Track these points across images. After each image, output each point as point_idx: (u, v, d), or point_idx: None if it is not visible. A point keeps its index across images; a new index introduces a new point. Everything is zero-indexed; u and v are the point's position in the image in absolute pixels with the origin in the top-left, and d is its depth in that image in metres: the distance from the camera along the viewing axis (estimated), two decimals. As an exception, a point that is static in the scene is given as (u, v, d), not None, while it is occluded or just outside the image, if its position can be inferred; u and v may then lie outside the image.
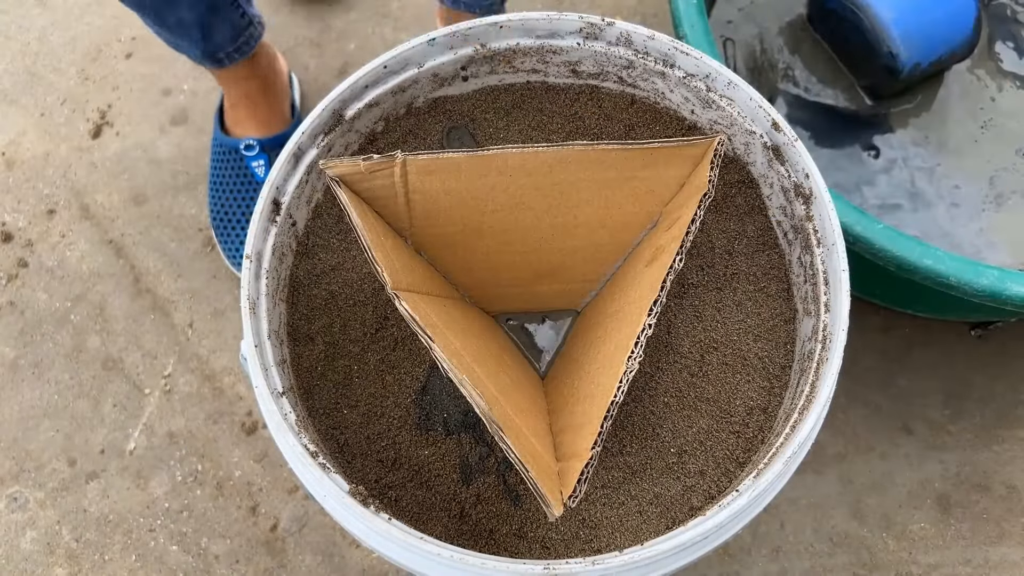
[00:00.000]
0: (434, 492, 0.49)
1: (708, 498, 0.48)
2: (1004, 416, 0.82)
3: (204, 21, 0.74)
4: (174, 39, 0.76)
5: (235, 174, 0.86)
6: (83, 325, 0.86)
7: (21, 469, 0.80)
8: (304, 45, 1.00)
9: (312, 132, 0.52)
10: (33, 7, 1.03)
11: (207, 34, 0.75)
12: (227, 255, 0.86)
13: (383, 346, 0.52)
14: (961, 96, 0.82)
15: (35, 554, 0.77)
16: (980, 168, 0.79)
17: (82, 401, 0.83)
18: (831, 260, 0.49)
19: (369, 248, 0.44)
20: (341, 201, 0.46)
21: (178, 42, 0.76)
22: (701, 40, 0.69)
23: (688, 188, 0.51)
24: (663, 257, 0.47)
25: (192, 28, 0.74)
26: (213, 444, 0.81)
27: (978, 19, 0.76)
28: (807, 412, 0.45)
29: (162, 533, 0.77)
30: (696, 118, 0.56)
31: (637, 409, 0.51)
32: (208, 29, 0.75)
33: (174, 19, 0.72)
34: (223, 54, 0.79)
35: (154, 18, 0.72)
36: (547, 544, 0.47)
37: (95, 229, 0.90)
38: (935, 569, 0.77)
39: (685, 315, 0.53)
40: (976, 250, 0.75)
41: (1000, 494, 0.79)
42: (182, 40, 0.76)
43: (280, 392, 0.47)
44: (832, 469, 0.80)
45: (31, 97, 0.97)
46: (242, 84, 0.84)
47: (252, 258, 0.48)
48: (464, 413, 0.51)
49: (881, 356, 0.84)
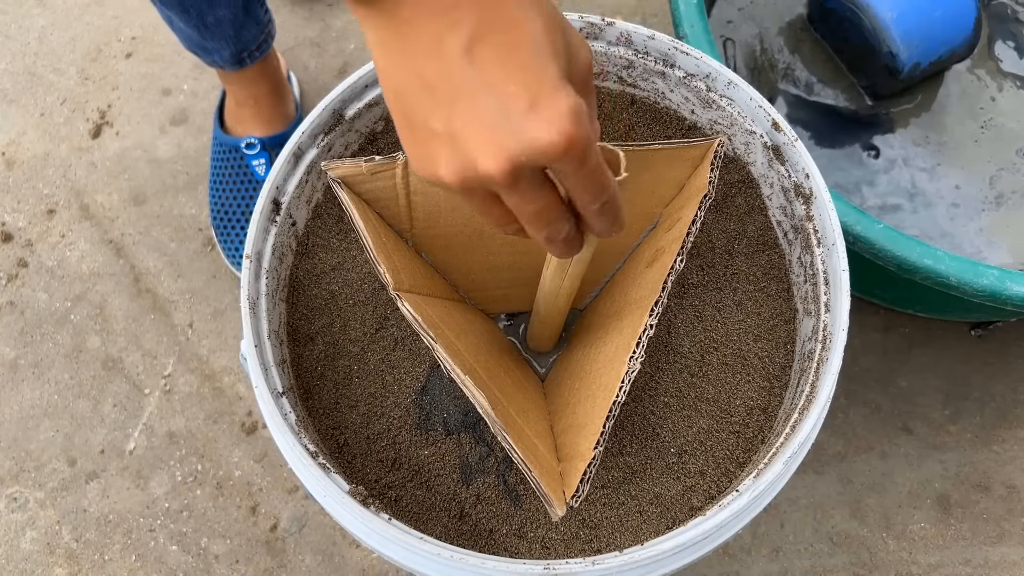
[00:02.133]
0: (434, 492, 0.49)
1: (708, 498, 0.48)
2: (1004, 416, 0.82)
3: (238, 19, 0.75)
4: (207, 41, 0.76)
5: (236, 173, 0.86)
6: (83, 325, 0.86)
7: (21, 469, 0.80)
8: (304, 45, 1.00)
9: (312, 132, 0.52)
10: (33, 7, 1.03)
11: (238, 33, 0.76)
12: (227, 255, 0.86)
13: (383, 346, 0.52)
14: (961, 96, 0.82)
15: (35, 554, 0.77)
16: (980, 168, 0.79)
17: (82, 401, 0.83)
18: (831, 260, 0.49)
19: (371, 249, 0.44)
20: (343, 203, 0.46)
21: (210, 44, 0.77)
22: (701, 40, 0.69)
23: (688, 189, 0.51)
24: (664, 258, 0.47)
25: (227, 26, 0.75)
26: (213, 444, 0.81)
27: (978, 19, 0.76)
28: (807, 412, 0.45)
29: (162, 533, 0.77)
30: (696, 118, 0.56)
31: (637, 409, 0.51)
32: (240, 28, 0.76)
33: (213, 17, 0.73)
34: (246, 54, 0.80)
35: (196, 18, 0.73)
36: (547, 544, 0.47)
37: (95, 229, 0.90)
38: (935, 569, 0.77)
39: (685, 315, 0.53)
40: (976, 249, 0.75)
41: (1000, 494, 0.79)
42: (215, 41, 0.76)
43: (280, 392, 0.47)
44: (832, 469, 0.80)
45: (31, 97, 0.97)
46: (252, 85, 0.84)
47: (252, 258, 0.48)
48: (464, 413, 0.51)
49: (881, 356, 0.84)
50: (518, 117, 0.29)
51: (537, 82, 0.30)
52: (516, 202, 0.33)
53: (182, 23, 0.74)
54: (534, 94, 0.30)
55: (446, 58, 0.30)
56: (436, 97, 0.30)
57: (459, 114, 0.30)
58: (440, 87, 0.30)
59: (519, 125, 0.30)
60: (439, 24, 0.29)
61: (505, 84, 0.30)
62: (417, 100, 0.31)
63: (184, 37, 0.77)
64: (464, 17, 0.29)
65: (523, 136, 0.30)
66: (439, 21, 0.29)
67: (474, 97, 0.30)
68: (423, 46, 0.30)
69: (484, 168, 0.30)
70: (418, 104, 0.31)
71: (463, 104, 0.30)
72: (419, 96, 0.31)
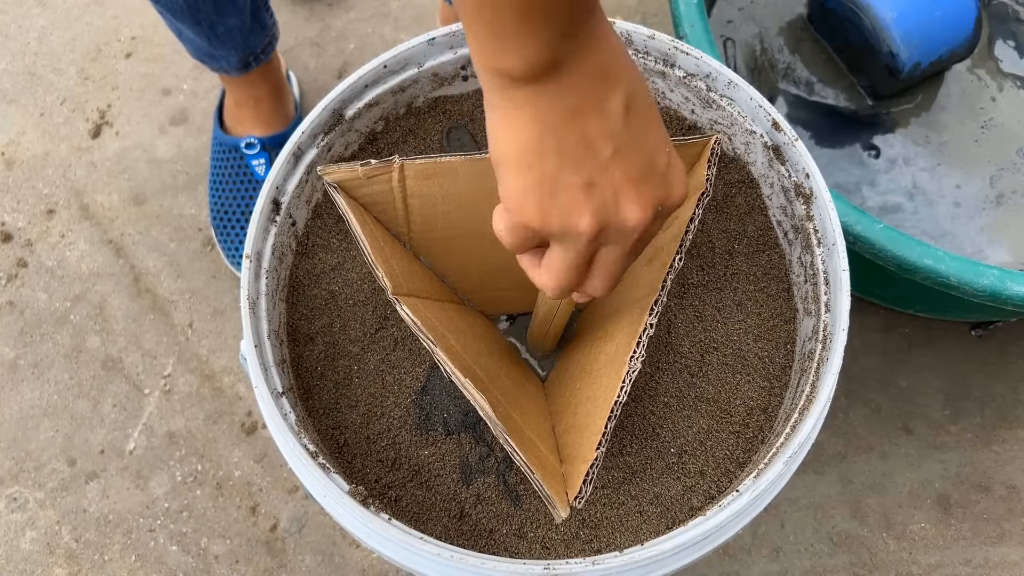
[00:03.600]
0: (434, 492, 0.49)
1: (708, 498, 0.48)
2: (1004, 416, 0.82)
3: (247, 26, 0.76)
4: (216, 50, 0.76)
5: (235, 172, 0.86)
6: (83, 325, 0.86)
7: (21, 469, 0.80)
8: (304, 45, 1.00)
9: (312, 132, 0.52)
10: (33, 7, 1.03)
11: (246, 40, 0.77)
12: (227, 255, 0.86)
13: (383, 346, 0.52)
14: (961, 96, 0.82)
15: (35, 554, 0.77)
16: (980, 168, 0.79)
17: (82, 401, 0.83)
18: (831, 260, 0.49)
19: (368, 254, 0.44)
20: (340, 207, 0.46)
21: (219, 52, 0.77)
22: (701, 40, 0.69)
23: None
24: (662, 257, 0.47)
25: (236, 34, 0.75)
26: (213, 444, 0.81)
27: (978, 19, 0.76)
28: (807, 412, 0.45)
29: (162, 533, 0.77)
30: (696, 118, 0.56)
31: (637, 409, 0.51)
32: (248, 35, 0.77)
33: (223, 27, 0.74)
34: (252, 58, 0.80)
35: (208, 29, 0.73)
36: (547, 544, 0.47)
37: (95, 229, 0.90)
38: (935, 569, 0.77)
39: (685, 315, 0.53)
40: (977, 248, 0.75)
41: (1000, 494, 0.79)
42: (224, 49, 0.77)
43: (280, 392, 0.47)
44: (832, 469, 0.80)
45: (31, 97, 0.97)
46: (253, 86, 0.84)
47: (252, 258, 0.48)
48: (464, 413, 0.51)
49: (881, 356, 0.84)
50: (663, 171, 0.34)
51: (666, 142, 0.34)
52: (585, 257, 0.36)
53: (192, 34, 0.74)
54: (668, 152, 0.34)
55: (611, 120, 0.32)
56: (596, 155, 0.32)
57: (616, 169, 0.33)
58: (602, 146, 0.32)
59: (663, 179, 0.34)
60: (602, 88, 0.32)
61: (653, 144, 0.34)
62: (571, 159, 0.32)
63: (193, 47, 0.77)
64: (620, 80, 0.32)
65: (666, 188, 0.34)
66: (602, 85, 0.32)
67: (630, 154, 0.33)
68: (593, 107, 0.32)
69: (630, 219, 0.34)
70: (571, 162, 0.32)
71: (619, 160, 0.33)
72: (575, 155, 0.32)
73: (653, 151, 0.34)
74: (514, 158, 0.33)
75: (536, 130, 0.32)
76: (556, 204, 0.33)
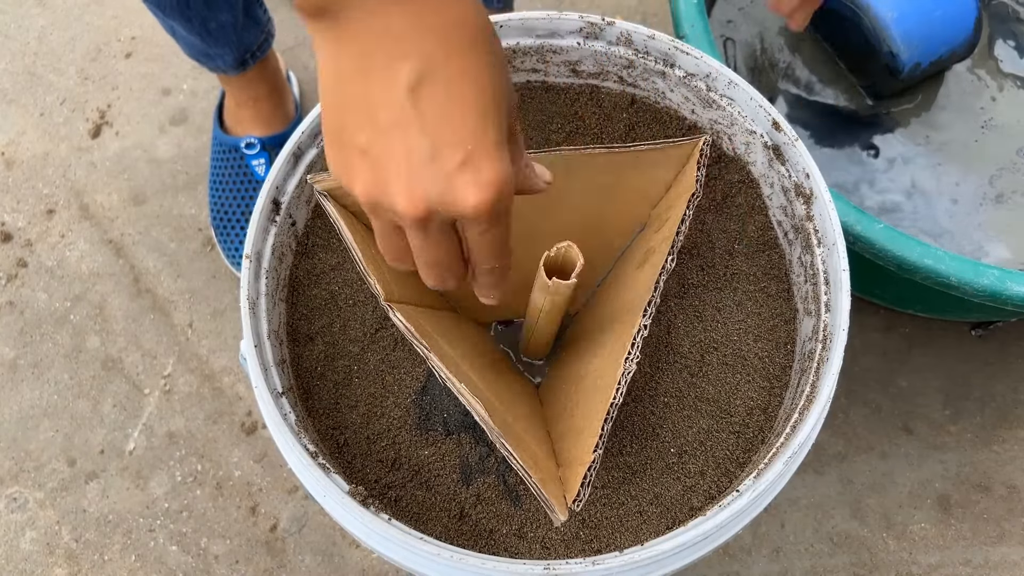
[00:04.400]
0: (434, 492, 0.49)
1: (708, 498, 0.48)
2: (1004, 416, 0.82)
3: (239, 22, 0.75)
4: (210, 48, 0.76)
5: (235, 172, 0.86)
6: (83, 325, 0.86)
7: (21, 469, 0.80)
8: (304, 45, 1.00)
9: (312, 131, 0.52)
10: (33, 7, 1.03)
11: (240, 36, 0.76)
12: (227, 255, 0.86)
13: (383, 346, 0.52)
14: (961, 96, 0.82)
15: (35, 554, 0.77)
16: (980, 168, 0.79)
17: (82, 401, 0.83)
18: (831, 260, 0.49)
19: (360, 261, 0.44)
20: (331, 215, 0.45)
21: (213, 50, 0.77)
22: (701, 40, 0.69)
23: (676, 188, 0.51)
24: (654, 258, 0.47)
25: (229, 31, 0.75)
26: (213, 444, 0.81)
27: (978, 19, 0.76)
28: (807, 412, 0.45)
29: (162, 533, 0.77)
30: (696, 118, 0.56)
31: (637, 409, 0.51)
32: (241, 31, 0.76)
33: (215, 23, 0.73)
34: (249, 55, 0.80)
35: (199, 25, 0.73)
36: (547, 544, 0.47)
37: (95, 229, 0.90)
38: (935, 569, 0.77)
39: (685, 315, 0.53)
40: (976, 246, 0.75)
41: (1000, 494, 0.79)
42: (218, 47, 0.76)
43: (280, 392, 0.47)
44: (832, 469, 0.80)
45: (30, 97, 0.97)
46: (252, 86, 0.84)
47: (252, 258, 0.48)
48: (464, 413, 0.51)
49: (881, 356, 0.84)
50: (448, 169, 0.30)
51: (475, 141, 0.30)
52: (419, 243, 0.34)
53: (185, 31, 0.74)
54: (469, 153, 0.30)
55: (394, 89, 0.30)
56: (374, 120, 0.31)
57: (391, 143, 0.30)
58: (381, 112, 0.30)
59: (447, 177, 0.30)
60: (389, 52, 0.30)
61: (443, 133, 0.30)
62: (355, 116, 0.31)
63: (187, 45, 0.77)
64: (412, 51, 0.30)
65: (447, 189, 0.31)
66: (389, 49, 0.30)
67: (409, 133, 0.30)
68: (377, 69, 0.30)
69: (397, 203, 0.31)
70: (354, 119, 0.31)
71: (397, 135, 0.30)
72: (358, 113, 0.31)
73: (442, 143, 0.30)
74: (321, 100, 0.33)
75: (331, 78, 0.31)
76: (342, 159, 0.32)
